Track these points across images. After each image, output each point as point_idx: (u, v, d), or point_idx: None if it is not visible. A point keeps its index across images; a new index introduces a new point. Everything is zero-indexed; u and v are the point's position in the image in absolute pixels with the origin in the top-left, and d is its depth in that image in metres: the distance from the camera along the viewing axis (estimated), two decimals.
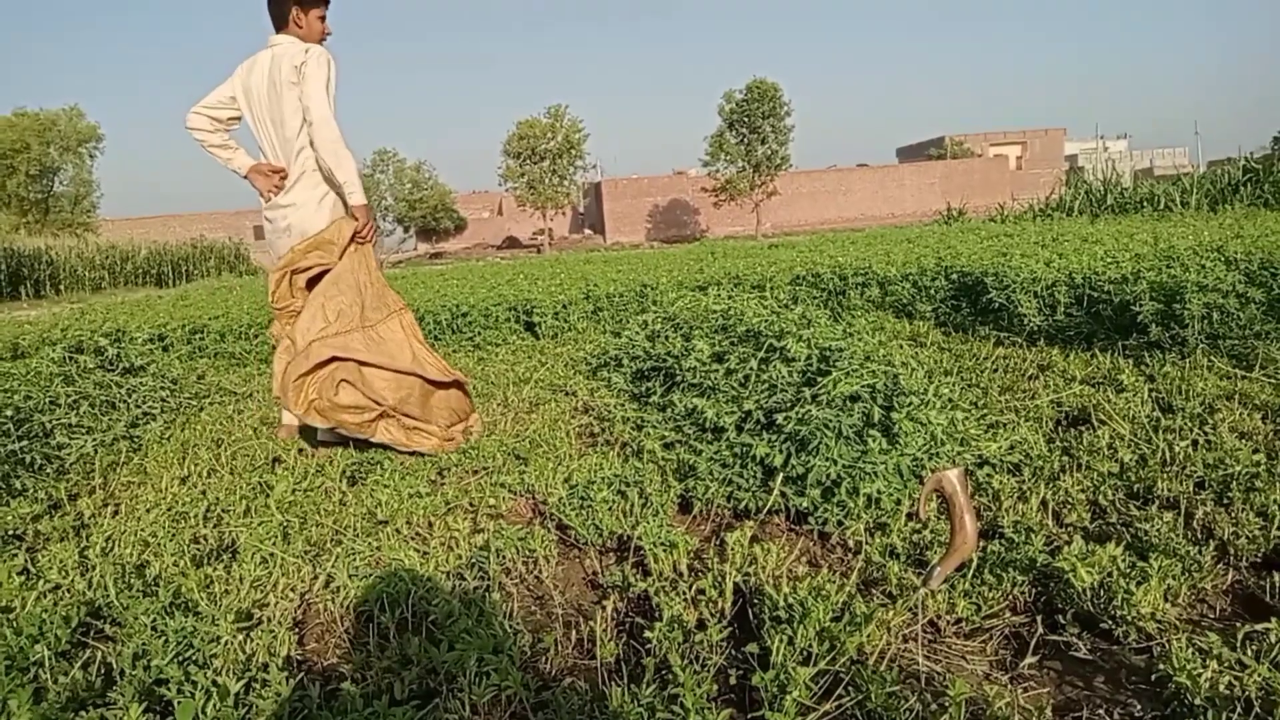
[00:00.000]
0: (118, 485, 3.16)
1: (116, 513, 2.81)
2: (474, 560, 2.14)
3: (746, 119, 40.78)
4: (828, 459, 2.41)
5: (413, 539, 2.39)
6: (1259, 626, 1.59)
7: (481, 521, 2.49)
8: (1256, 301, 3.98)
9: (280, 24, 3.41)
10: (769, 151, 41.15)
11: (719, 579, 1.92)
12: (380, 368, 3.30)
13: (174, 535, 2.49)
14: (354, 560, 2.25)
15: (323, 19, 3.47)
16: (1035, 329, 4.75)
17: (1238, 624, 1.67)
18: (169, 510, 2.73)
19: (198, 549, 2.43)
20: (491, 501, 2.63)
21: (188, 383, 5.12)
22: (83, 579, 2.18)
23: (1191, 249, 5.10)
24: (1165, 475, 2.45)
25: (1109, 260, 5.01)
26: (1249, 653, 1.54)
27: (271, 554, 2.28)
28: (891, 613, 1.77)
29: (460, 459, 3.13)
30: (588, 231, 53.64)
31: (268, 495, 2.82)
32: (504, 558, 2.18)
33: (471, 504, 2.65)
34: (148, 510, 2.75)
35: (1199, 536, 2.12)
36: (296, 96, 3.29)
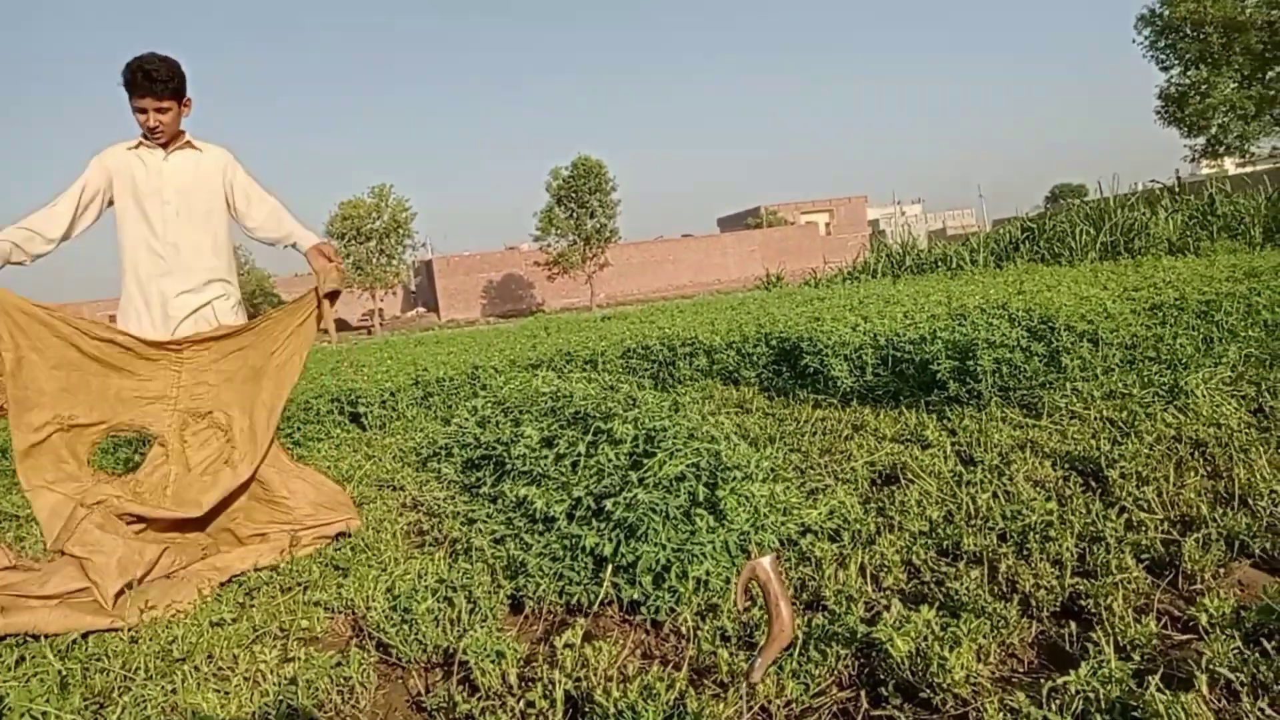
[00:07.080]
0: None
1: None
2: (282, 696, 1.96)
3: (575, 194, 41.76)
4: (656, 544, 2.40)
5: (214, 677, 2.16)
6: (1060, 680, 1.67)
7: (293, 648, 2.29)
8: (1039, 355, 4.34)
9: None
10: (598, 225, 42.24)
11: (549, 688, 1.84)
12: None
13: None
14: (144, 710, 2.01)
15: (140, 111, 3.09)
16: (849, 390, 4.98)
17: (1042, 678, 1.76)
18: None
19: None
20: (305, 624, 2.43)
21: None
22: None
23: (980, 307, 5.52)
24: (970, 530, 2.59)
25: (908, 321, 5.34)
26: (1054, 707, 1.62)
27: (44, 713, 2.00)
28: (723, 705, 1.75)
29: (272, 576, 2.90)
30: (421, 310, 52.69)
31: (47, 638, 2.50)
32: (316, 690, 2.01)
33: (282, 628, 2.44)
34: None
35: (1004, 590, 2.24)
36: None
